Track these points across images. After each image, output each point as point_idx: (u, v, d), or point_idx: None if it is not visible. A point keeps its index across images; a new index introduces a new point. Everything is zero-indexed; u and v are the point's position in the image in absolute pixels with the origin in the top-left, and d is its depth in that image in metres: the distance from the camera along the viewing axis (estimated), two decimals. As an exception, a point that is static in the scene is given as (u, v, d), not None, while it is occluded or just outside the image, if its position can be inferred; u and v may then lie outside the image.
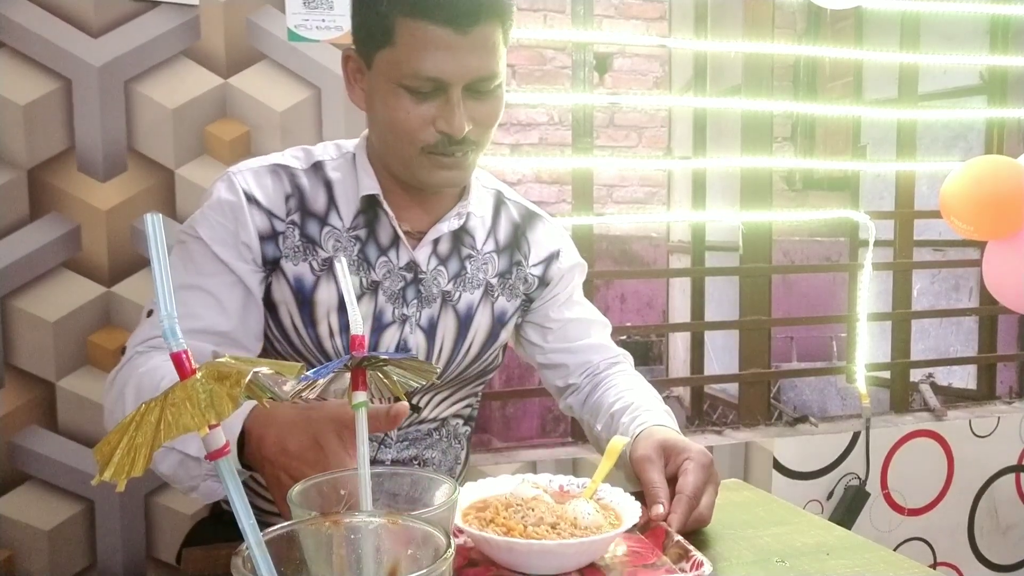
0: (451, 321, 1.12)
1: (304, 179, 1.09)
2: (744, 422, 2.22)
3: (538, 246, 1.21)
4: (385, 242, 1.08)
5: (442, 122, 0.99)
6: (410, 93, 0.98)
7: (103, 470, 0.40)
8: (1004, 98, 2.39)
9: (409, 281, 1.09)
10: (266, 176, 1.08)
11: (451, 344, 1.12)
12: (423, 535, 0.52)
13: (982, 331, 2.53)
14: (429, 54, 0.95)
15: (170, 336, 0.44)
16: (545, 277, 1.21)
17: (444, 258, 1.12)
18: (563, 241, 1.25)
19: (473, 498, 0.85)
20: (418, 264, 1.09)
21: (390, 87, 0.99)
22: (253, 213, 1.04)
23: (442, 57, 0.95)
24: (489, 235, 1.17)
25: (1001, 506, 2.32)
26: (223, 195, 1.05)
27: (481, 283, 1.14)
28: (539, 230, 1.22)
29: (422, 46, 0.95)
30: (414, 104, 0.98)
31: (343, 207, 1.08)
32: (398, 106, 0.99)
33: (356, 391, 0.64)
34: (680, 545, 0.80)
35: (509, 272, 1.17)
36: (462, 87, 0.98)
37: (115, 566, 1.63)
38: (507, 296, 1.17)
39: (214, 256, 1.03)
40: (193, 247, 1.04)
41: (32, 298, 1.54)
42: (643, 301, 4.53)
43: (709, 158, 2.40)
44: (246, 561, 0.46)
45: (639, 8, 4.64)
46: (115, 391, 0.96)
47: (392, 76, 0.98)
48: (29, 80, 1.51)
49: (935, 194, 2.01)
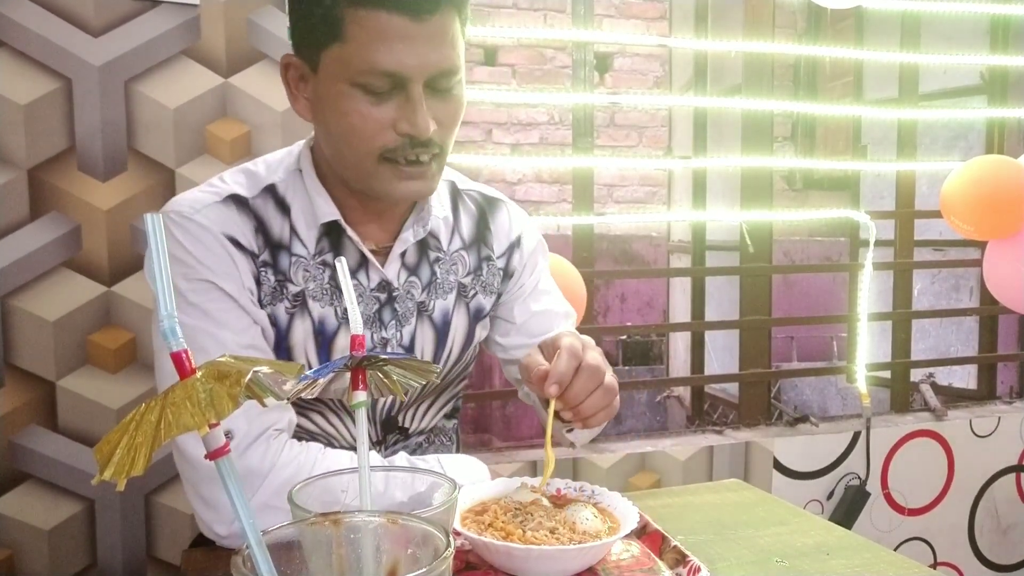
0: (428, 332, 1.06)
1: (261, 208, 0.97)
2: (744, 422, 2.22)
3: (500, 235, 1.13)
4: (352, 265, 1.00)
5: (404, 123, 0.89)
6: (365, 93, 0.88)
7: (103, 469, 0.40)
8: (1004, 98, 2.39)
9: (384, 302, 1.02)
10: (227, 211, 0.95)
11: (430, 356, 1.06)
12: (423, 534, 0.52)
13: (982, 331, 2.53)
14: (385, 46, 0.85)
15: (170, 336, 0.44)
16: (508, 268, 1.13)
17: (413, 268, 1.04)
18: (523, 225, 1.16)
19: (471, 501, 0.85)
20: (390, 282, 1.01)
21: (341, 89, 0.88)
22: (237, 259, 0.94)
23: (400, 49, 0.86)
24: (453, 233, 1.08)
25: (1001, 506, 2.32)
26: (201, 238, 0.92)
27: (452, 286, 1.07)
28: (499, 217, 1.13)
29: (376, 38, 0.85)
30: (370, 106, 0.88)
31: (303, 232, 0.98)
32: (352, 109, 0.89)
33: (356, 391, 0.64)
34: (677, 550, 0.80)
35: (480, 268, 1.10)
36: (423, 84, 0.88)
37: (115, 566, 1.63)
38: (483, 293, 1.11)
39: (227, 297, 0.92)
40: (200, 299, 0.92)
41: (32, 298, 1.54)
42: (643, 301, 4.52)
43: (709, 158, 2.40)
44: (246, 560, 0.46)
45: (639, 8, 4.64)
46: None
47: (343, 75, 0.88)
48: (29, 80, 1.51)
49: (935, 194, 2.01)
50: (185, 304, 0.91)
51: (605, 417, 0.91)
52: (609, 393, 0.88)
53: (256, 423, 0.89)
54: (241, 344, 0.91)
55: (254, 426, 0.89)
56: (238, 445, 0.87)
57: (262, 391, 0.44)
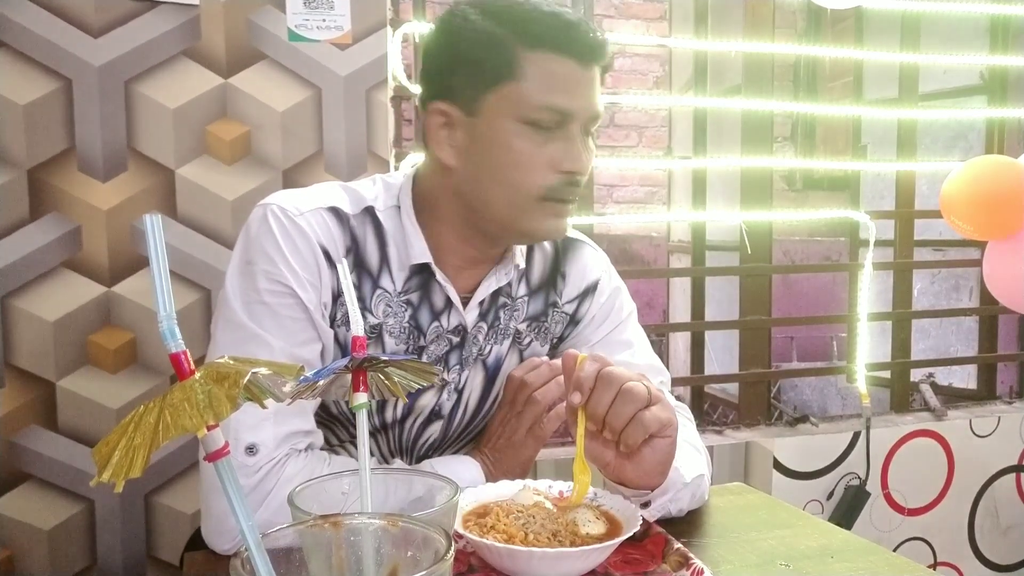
0: (479, 376, 1.05)
1: (358, 228, 0.97)
2: (744, 422, 2.22)
3: (574, 279, 1.09)
4: (439, 307, 0.99)
5: (567, 161, 0.92)
6: (535, 130, 0.91)
7: (101, 471, 0.40)
8: (1004, 98, 2.39)
9: (455, 345, 1.01)
10: (328, 221, 0.95)
11: (476, 401, 1.06)
12: (423, 537, 0.52)
13: (982, 331, 2.53)
14: (560, 85, 0.91)
15: (169, 337, 0.44)
16: (576, 314, 1.09)
17: (485, 313, 1.03)
18: (603, 271, 1.11)
19: (473, 504, 0.85)
20: (466, 327, 1.01)
21: (510, 126, 0.91)
22: (323, 271, 0.93)
23: (571, 89, 0.91)
24: (522, 278, 1.06)
25: (1001, 506, 2.32)
26: (297, 242, 0.92)
27: (510, 332, 1.06)
28: (575, 260, 1.10)
29: (551, 77, 0.90)
30: (537, 144, 0.91)
31: (395, 266, 0.97)
32: (520, 147, 0.91)
33: (357, 392, 0.64)
34: (680, 553, 0.80)
35: (544, 315, 1.08)
36: (581, 127, 0.93)
37: (115, 566, 1.63)
38: (539, 340, 1.08)
39: (309, 321, 0.92)
40: (276, 301, 0.91)
41: (32, 298, 1.54)
42: (643, 301, 4.52)
43: (709, 158, 2.40)
44: (245, 563, 0.46)
45: (639, 8, 4.64)
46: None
47: (516, 112, 0.91)
48: (29, 80, 1.51)
49: (935, 194, 2.01)
50: (258, 302, 0.91)
51: (642, 434, 0.83)
52: (629, 398, 0.82)
53: (282, 445, 0.88)
54: (296, 357, 0.91)
55: (280, 448, 0.88)
56: (257, 463, 0.86)
57: (261, 392, 0.44)
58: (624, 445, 0.84)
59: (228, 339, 0.91)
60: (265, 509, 0.86)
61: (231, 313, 0.91)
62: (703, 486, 0.99)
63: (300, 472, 0.88)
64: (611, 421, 0.83)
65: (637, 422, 0.82)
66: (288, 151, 1.66)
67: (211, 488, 0.88)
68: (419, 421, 1.04)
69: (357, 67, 1.67)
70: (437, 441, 1.06)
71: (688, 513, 0.98)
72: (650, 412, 0.83)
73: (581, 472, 0.84)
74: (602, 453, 0.87)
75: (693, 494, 0.96)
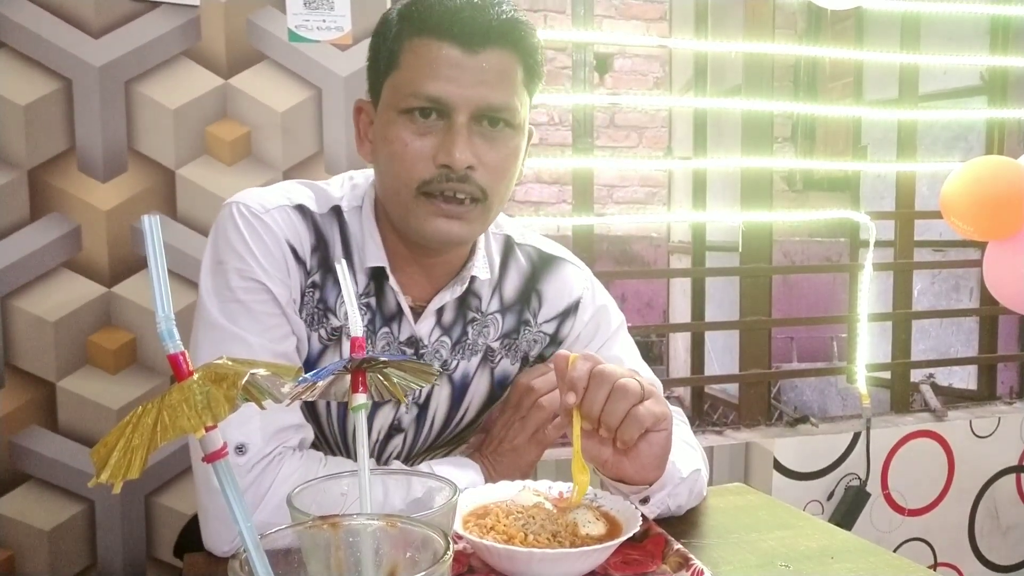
0: (445, 392, 1.02)
1: (324, 227, 0.95)
2: (744, 422, 2.22)
3: (552, 299, 1.06)
4: (388, 314, 0.97)
5: (441, 153, 0.87)
6: (411, 121, 0.88)
7: (100, 472, 0.40)
8: (1004, 98, 2.39)
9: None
10: (294, 218, 0.94)
11: (443, 416, 1.04)
12: (421, 538, 0.52)
13: (982, 331, 2.53)
14: (432, 71, 0.87)
15: (167, 338, 0.44)
16: (558, 334, 1.07)
17: (448, 327, 1.00)
18: (584, 288, 1.08)
19: (473, 504, 0.85)
20: (420, 339, 0.99)
21: (392, 116, 0.89)
22: (291, 268, 0.92)
23: (447, 76, 0.87)
24: (494, 293, 1.03)
25: (1002, 506, 2.32)
26: (264, 238, 0.91)
27: (480, 349, 1.03)
28: (554, 278, 1.06)
29: (426, 64, 0.87)
30: (413, 135, 0.88)
31: (357, 268, 0.96)
32: (396, 137, 0.89)
33: (356, 393, 0.64)
34: (680, 553, 0.80)
35: (515, 332, 1.05)
36: (469, 117, 0.88)
37: (115, 566, 1.63)
38: (511, 359, 1.05)
39: (280, 312, 0.92)
40: (250, 299, 0.90)
41: (32, 298, 1.54)
42: (643, 301, 4.53)
43: (709, 158, 2.40)
44: (244, 564, 0.45)
45: (639, 8, 4.64)
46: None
47: (394, 103, 0.89)
48: (29, 80, 1.51)
49: (935, 194, 2.01)
50: (232, 300, 0.90)
51: (638, 429, 0.83)
52: (622, 395, 0.82)
53: (272, 442, 0.88)
54: (276, 352, 0.90)
55: (269, 445, 0.88)
56: (248, 462, 0.86)
57: (260, 393, 0.44)
58: (620, 441, 0.85)
59: (207, 340, 0.90)
60: (262, 510, 0.86)
61: (207, 314, 0.90)
62: (700, 482, 0.99)
63: (296, 472, 0.87)
64: (606, 418, 0.83)
65: (632, 418, 0.82)
66: (288, 152, 1.66)
67: (208, 490, 0.87)
68: (380, 438, 1.03)
69: (357, 68, 1.67)
70: (403, 457, 1.05)
71: (688, 513, 0.98)
72: (644, 407, 0.83)
73: (579, 472, 0.84)
74: (599, 451, 0.87)
75: (691, 489, 0.96)
